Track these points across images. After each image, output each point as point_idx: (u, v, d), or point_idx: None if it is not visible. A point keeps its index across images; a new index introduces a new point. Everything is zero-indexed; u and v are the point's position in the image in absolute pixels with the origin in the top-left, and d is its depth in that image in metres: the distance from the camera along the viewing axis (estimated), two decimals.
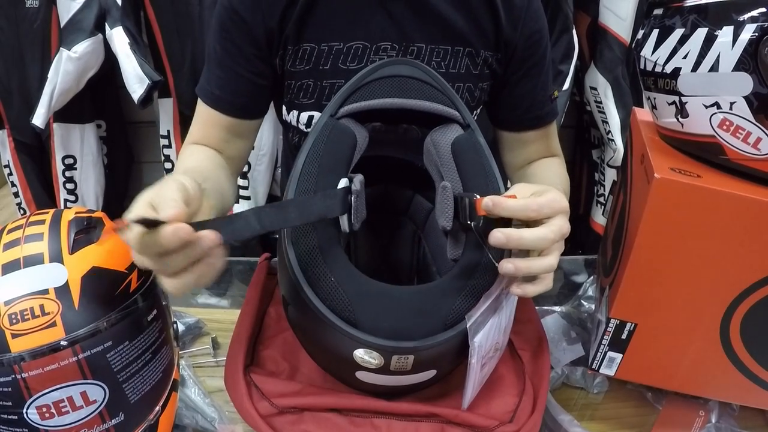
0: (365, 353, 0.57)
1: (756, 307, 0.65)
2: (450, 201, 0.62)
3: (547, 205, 0.58)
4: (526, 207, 0.57)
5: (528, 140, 0.96)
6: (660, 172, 0.61)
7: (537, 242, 0.57)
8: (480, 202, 0.57)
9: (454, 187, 0.64)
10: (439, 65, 0.84)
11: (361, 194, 0.62)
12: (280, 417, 0.65)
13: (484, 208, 0.57)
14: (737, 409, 0.80)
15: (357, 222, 0.61)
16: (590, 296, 0.98)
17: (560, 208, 0.59)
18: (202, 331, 0.93)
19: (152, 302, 0.63)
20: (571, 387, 0.84)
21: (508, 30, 0.85)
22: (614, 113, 1.64)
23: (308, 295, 0.57)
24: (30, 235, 0.59)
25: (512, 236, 0.56)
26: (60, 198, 1.80)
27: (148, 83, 1.51)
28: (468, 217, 0.59)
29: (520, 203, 0.57)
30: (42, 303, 0.54)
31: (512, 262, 0.58)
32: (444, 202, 0.62)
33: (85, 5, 1.54)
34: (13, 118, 1.72)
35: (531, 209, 0.58)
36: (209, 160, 0.86)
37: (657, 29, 0.67)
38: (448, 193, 0.62)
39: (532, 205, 0.58)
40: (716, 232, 0.62)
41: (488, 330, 0.60)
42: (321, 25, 0.82)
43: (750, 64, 0.57)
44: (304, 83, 0.85)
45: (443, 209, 0.63)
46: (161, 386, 0.64)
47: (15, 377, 0.53)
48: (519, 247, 0.57)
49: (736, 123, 0.60)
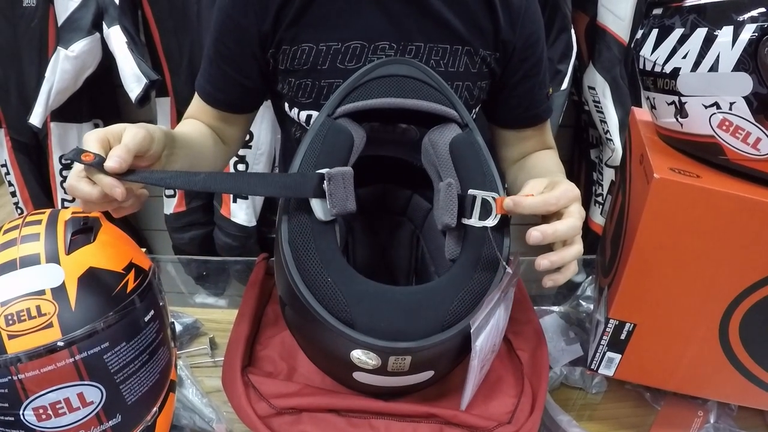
0: (362, 354, 0.57)
1: (755, 308, 0.65)
2: (454, 199, 0.62)
3: (564, 196, 0.62)
4: (546, 202, 0.62)
5: (525, 136, 0.98)
6: (659, 173, 0.61)
7: (569, 232, 0.62)
8: (501, 201, 0.60)
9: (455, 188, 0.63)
10: (438, 64, 0.84)
11: (341, 182, 0.60)
12: (278, 418, 0.64)
13: (505, 207, 0.60)
14: (736, 410, 0.80)
15: (336, 209, 0.60)
16: (589, 296, 0.98)
17: (574, 197, 0.63)
18: (200, 331, 0.93)
19: (149, 303, 0.62)
20: (570, 387, 0.84)
21: (507, 31, 0.85)
22: (612, 113, 1.64)
23: (305, 295, 0.57)
24: (26, 236, 0.59)
25: (547, 232, 0.60)
26: (57, 197, 1.80)
27: (145, 82, 1.51)
28: (479, 215, 0.60)
29: (539, 199, 0.61)
30: (38, 304, 0.54)
31: (547, 257, 0.62)
32: (448, 200, 0.62)
33: (83, 4, 1.54)
34: (10, 117, 1.72)
35: (550, 203, 0.62)
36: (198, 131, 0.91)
37: (656, 29, 0.67)
38: (453, 190, 0.62)
39: (551, 199, 0.62)
40: (716, 232, 0.62)
41: (488, 332, 0.60)
42: (319, 25, 0.81)
43: (750, 64, 0.57)
44: (303, 82, 0.85)
45: (448, 206, 0.62)
46: (159, 387, 0.63)
47: (11, 378, 0.52)
48: (556, 239, 0.62)
49: (735, 123, 0.60)
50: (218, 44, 0.87)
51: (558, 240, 0.63)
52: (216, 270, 1.21)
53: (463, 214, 0.62)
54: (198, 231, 1.81)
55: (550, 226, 0.61)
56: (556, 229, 0.61)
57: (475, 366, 0.60)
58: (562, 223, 0.61)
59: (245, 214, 1.70)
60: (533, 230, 0.60)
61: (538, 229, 0.60)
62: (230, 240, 1.74)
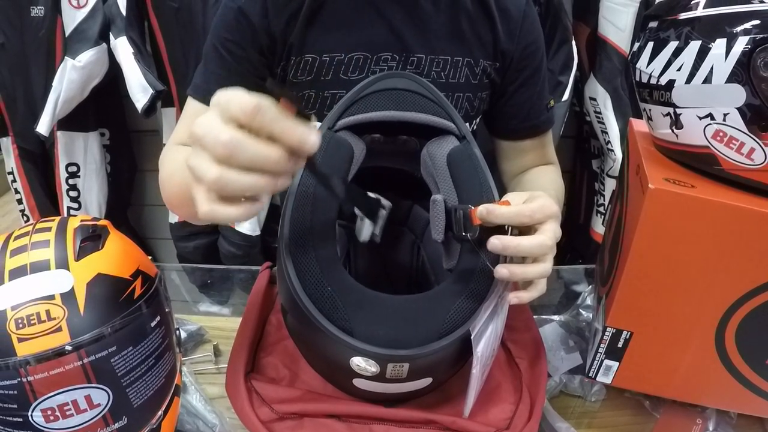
0: (361, 361, 0.58)
1: (751, 316, 0.66)
2: (441, 214, 0.63)
3: (539, 211, 0.60)
4: (520, 213, 0.59)
5: (524, 149, 0.98)
6: (654, 183, 0.62)
7: (534, 249, 0.59)
8: (475, 211, 0.59)
9: (450, 199, 0.65)
10: (439, 75, 0.85)
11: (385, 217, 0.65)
12: (280, 423, 0.65)
13: (478, 216, 0.58)
14: (735, 417, 0.80)
15: (376, 236, 0.64)
16: (589, 305, 0.98)
17: (551, 213, 0.60)
18: (204, 339, 0.93)
19: (156, 309, 0.63)
20: (569, 395, 0.84)
21: (505, 40, 0.86)
22: (613, 123, 1.65)
23: (305, 304, 0.58)
24: (36, 242, 0.60)
25: (509, 244, 0.58)
26: (63, 205, 1.81)
27: (151, 93, 1.53)
28: (463, 228, 0.60)
29: (513, 210, 0.59)
30: (48, 308, 0.55)
31: (507, 267, 0.59)
32: (436, 216, 0.63)
33: (90, 15, 1.56)
34: (17, 125, 1.74)
35: (524, 215, 0.59)
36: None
37: (652, 42, 0.68)
38: (439, 206, 0.63)
39: (525, 210, 0.59)
40: (711, 241, 0.63)
41: (488, 338, 0.61)
42: (323, 37, 0.83)
43: (743, 76, 0.58)
44: (306, 93, 0.86)
45: (435, 222, 0.64)
46: (164, 391, 0.64)
47: (21, 380, 0.53)
48: (517, 254, 0.59)
49: (729, 134, 0.61)
50: (228, 43, 0.83)
51: (519, 255, 0.59)
52: (220, 278, 1.21)
53: (451, 226, 0.63)
54: (202, 240, 1.82)
55: (514, 238, 0.59)
56: (520, 243, 0.58)
57: (476, 373, 0.61)
58: (529, 238, 0.59)
59: (250, 223, 1.71)
60: (494, 237, 0.58)
61: (500, 237, 0.58)
62: (234, 249, 1.75)
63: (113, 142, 1.87)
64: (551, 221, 0.60)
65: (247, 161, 0.42)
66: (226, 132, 0.41)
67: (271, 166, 0.43)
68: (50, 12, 1.58)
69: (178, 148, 0.86)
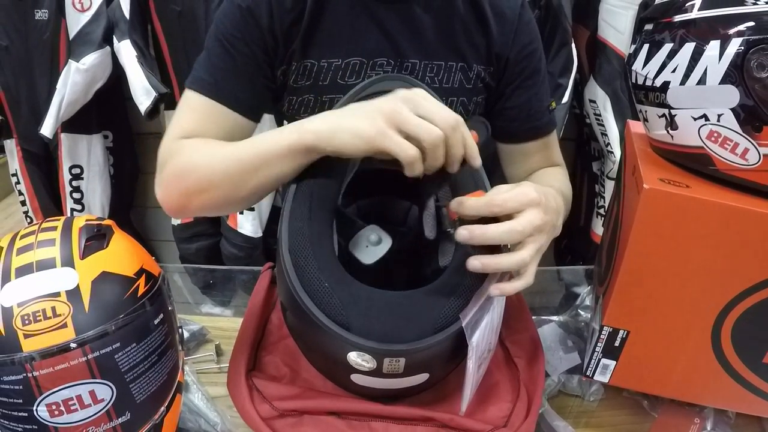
0: (358, 356, 0.59)
1: (746, 315, 0.66)
2: (431, 213, 0.64)
3: (513, 199, 0.58)
4: (490, 202, 0.58)
5: (528, 151, 0.97)
6: (649, 183, 0.63)
7: (502, 236, 0.57)
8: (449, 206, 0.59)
9: (445, 198, 0.66)
10: (433, 80, 0.86)
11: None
12: (281, 419, 0.66)
13: (452, 209, 0.59)
14: (733, 417, 0.80)
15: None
16: (587, 306, 0.99)
17: (528, 201, 0.59)
18: (206, 338, 0.94)
19: (159, 307, 0.64)
20: (567, 395, 0.85)
21: (500, 43, 0.87)
22: (613, 126, 1.65)
23: (303, 299, 0.59)
24: (42, 241, 0.61)
25: (475, 232, 0.56)
26: (66, 207, 1.83)
27: (154, 95, 1.54)
28: (447, 224, 0.61)
29: (483, 200, 0.58)
30: (54, 305, 0.56)
31: (478, 258, 0.58)
32: (427, 215, 0.64)
33: (94, 18, 1.57)
34: (21, 127, 1.75)
35: (495, 204, 0.58)
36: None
37: (647, 44, 0.69)
38: (430, 205, 0.64)
39: (496, 200, 0.58)
40: (706, 241, 0.64)
41: (483, 329, 0.61)
42: (322, 43, 0.84)
43: (736, 77, 0.59)
44: (305, 98, 0.87)
45: (426, 221, 0.65)
46: (167, 387, 0.65)
47: (26, 375, 0.54)
48: (483, 242, 0.58)
49: (723, 134, 0.62)
50: (233, 39, 0.81)
51: (487, 243, 0.58)
52: (222, 279, 1.22)
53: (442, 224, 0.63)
54: (205, 241, 1.83)
55: (481, 226, 0.57)
56: (486, 231, 0.56)
57: (472, 365, 0.62)
58: (497, 225, 0.57)
59: (251, 225, 1.71)
60: (461, 228, 0.56)
61: (467, 227, 0.57)
62: (236, 250, 1.75)
63: (116, 144, 1.89)
64: (530, 209, 0.58)
65: (439, 157, 0.59)
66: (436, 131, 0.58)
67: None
68: (54, 15, 1.59)
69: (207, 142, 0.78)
